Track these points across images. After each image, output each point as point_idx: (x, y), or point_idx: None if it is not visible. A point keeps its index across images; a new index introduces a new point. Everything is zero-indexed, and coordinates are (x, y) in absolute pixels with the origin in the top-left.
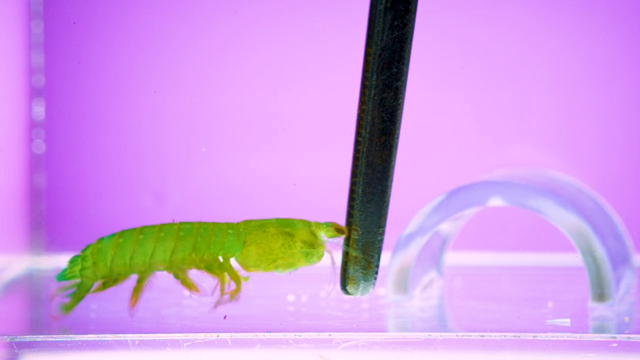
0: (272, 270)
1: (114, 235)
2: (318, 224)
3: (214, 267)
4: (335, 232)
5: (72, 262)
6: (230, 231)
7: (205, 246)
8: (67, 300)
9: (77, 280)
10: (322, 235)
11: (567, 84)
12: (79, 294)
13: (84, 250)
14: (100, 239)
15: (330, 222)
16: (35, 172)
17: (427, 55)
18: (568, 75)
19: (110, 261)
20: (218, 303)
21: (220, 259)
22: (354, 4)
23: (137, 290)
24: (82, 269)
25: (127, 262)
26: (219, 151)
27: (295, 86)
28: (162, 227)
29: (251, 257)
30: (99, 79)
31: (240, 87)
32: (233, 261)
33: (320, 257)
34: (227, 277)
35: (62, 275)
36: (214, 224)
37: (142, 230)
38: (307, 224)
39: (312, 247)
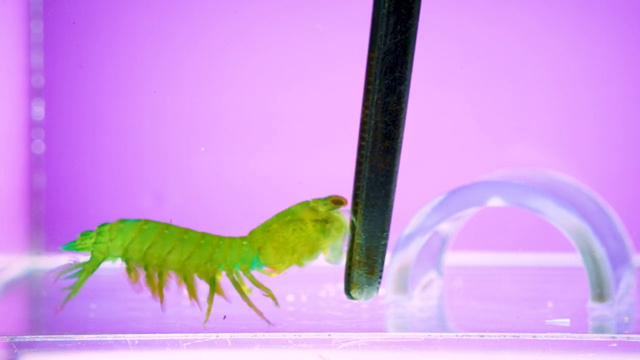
0: (301, 260)
1: (138, 220)
2: (316, 200)
3: (218, 284)
4: (334, 205)
5: (85, 235)
6: (244, 243)
7: (222, 257)
8: (72, 282)
9: (85, 253)
10: (326, 210)
11: (568, 84)
12: (87, 270)
13: (100, 226)
14: (123, 220)
15: (329, 196)
16: (35, 172)
17: (428, 55)
18: (568, 75)
19: (129, 242)
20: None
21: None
22: (353, 4)
23: (159, 289)
24: (95, 243)
25: (144, 249)
26: (219, 151)
27: (295, 86)
28: (187, 230)
29: (271, 256)
30: (99, 79)
31: (240, 87)
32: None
33: (339, 229)
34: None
35: (71, 246)
36: (231, 238)
37: (169, 226)
38: (305, 204)
39: (325, 222)
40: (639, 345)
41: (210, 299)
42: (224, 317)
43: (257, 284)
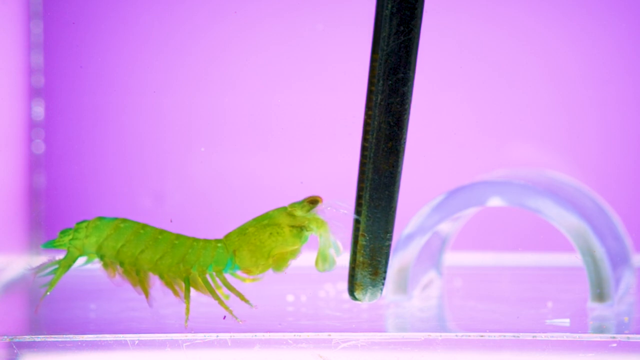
0: (277, 264)
1: (116, 218)
2: (293, 205)
3: (198, 283)
4: (310, 205)
5: (64, 232)
6: (219, 245)
7: (195, 258)
8: (50, 276)
9: (63, 251)
10: (304, 212)
11: (567, 84)
12: (63, 265)
13: (78, 223)
14: (100, 217)
15: (304, 199)
16: (35, 172)
17: (427, 55)
18: (568, 75)
19: (104, 240)
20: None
21: (207, 275)
22: (356, 5)
23: (140, 285)
24: (72, 239)
25: (117, 247)
26: (219, 151)
27: (296, 87)
28: (162, 231)
29: (246, 258)
30: (99, 78)
31: (240, 88)
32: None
33: (320, 227)
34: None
35: (50, 244)
36: (206, 240)
37: (145, 226)
38: (282, 209)
39: (303, 229)
40: (639, 345)
41: (186, 298)
42: (224, 317)
43: (229, 287)
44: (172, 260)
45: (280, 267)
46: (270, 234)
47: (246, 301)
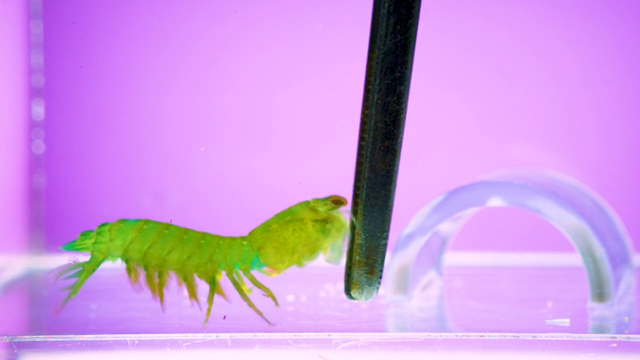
0: (301, 260)
1: (138, 220)
2: (316, 200)
3: (218, 284)
4: (334, 205)
5: (85, 234)
6: (244, 243)
7: (222, 257)
8: (72, 281)
9: (85, 253)
10: (326, 209)
11: (567, 84)
12: (87, 270)
13: (100, 226)
14: (123, 220)
15: (329, 196)
16: (35, 172)
17: (427, 55)
18: (568, 75)
19: (129, 242)
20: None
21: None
22: (353, 4)
23: (159, 290)
24: (95, 243)
25: (144, 249)
26: (219, 151)
27: (295, 86)
28: (187, 230)
29: (271, 256)
30: (99, 78)
31: (240, 88)
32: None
33: (339, 229)
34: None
35: (71, 246)
36: (231, 238)
37: (169, 226)
38: (305, 204)
39: (325, 222)
40: (639, 345)
41: (210, 299)
42: (224, 317)
43: (257, 284)
44: (199, 260)
45: (309, 259)
46: (294, 230)
47: (274, 299)
